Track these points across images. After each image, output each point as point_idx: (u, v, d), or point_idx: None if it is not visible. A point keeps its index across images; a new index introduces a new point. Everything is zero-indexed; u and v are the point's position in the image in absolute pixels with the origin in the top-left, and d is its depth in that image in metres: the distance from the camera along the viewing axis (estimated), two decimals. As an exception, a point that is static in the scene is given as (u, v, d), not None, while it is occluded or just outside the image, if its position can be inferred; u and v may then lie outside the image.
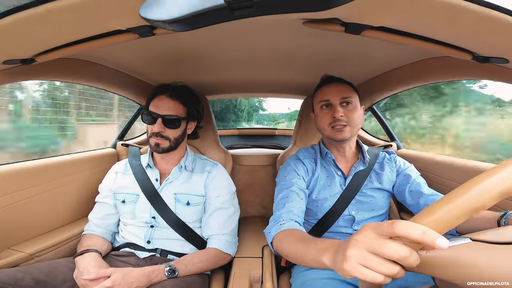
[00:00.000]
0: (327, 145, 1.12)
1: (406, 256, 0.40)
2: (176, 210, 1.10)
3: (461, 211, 0.39)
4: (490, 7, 0.49)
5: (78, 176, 1.32)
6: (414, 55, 1.05)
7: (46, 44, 0.69)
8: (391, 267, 0.41)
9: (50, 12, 0.51)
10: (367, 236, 0.44)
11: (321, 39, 0.90)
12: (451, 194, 0.41)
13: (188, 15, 0.38)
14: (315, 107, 1.08)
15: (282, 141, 2.80)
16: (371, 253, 0.43)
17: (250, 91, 1.94)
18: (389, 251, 0.41)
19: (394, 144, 1.69)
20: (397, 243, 0.41)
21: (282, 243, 0.80)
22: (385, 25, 0.59)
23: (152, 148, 1.12)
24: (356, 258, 0.44)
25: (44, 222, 1.18)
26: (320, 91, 1.06)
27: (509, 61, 0.69)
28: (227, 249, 1.09)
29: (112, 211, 1.16)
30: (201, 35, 0.87)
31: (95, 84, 1.29)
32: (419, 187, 1.01)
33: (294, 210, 0.92)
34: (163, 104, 1.09)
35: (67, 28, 0.60)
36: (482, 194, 0.39)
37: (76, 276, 0.91)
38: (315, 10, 0.39)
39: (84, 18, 0.56)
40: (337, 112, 0.98)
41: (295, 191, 0.99)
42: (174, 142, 1.12)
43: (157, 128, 1.07)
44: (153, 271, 0.91)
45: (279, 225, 0.86)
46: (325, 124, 1.02)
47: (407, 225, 0.39)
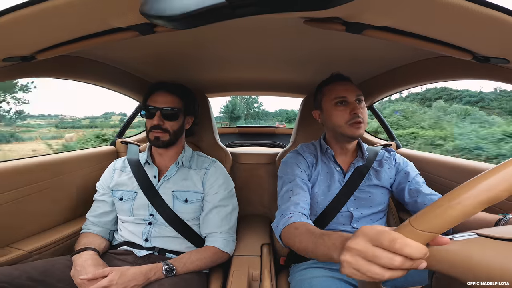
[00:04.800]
0: (330, 141, 1.12)
1: (402, 264, 0.41)
2: (174, 207, 1.10)
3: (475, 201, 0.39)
4: (491, 7, 0.49)
5: (77, 173, 1.32)
6: (414, 55, 1.05)
7: (46, 42, 0.69)
8: (385, 273, 0.43)
9: (50, 9, 0.51)
10: (360, 244, 0.45)
11: (321, 38, 0.90)
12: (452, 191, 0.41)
13: (189, 13, 0.37)
14: (326, 104, 1.06)
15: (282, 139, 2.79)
16: (366, 260, 0.44)
17: (250, 90, 1.93)
18: (383, 261, 0.42)
19: (394, 144, 1.70)
20: (390, 254, 0.42)
21: (290, 239, 0.82)
22: (386, 25, 0.59)
23: (152, 143, 1.12)
24: (351, 265, 0.46)
25: (43, 220, 1.18)
26: (333, 88, 1.05)
27: (510, 62, 0.69)
28: (225, 248, 1.09)
29: (108, 209, 1.17)
30: (202, 33, 0.87)
31: (95, 81, 1.29)
32: (418, 185, 1.02)
33: (300, 202, 0.93)
34: (161, 98, 1.10)
35: (67, 25, 0.60)
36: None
37: (73, 274, 0.91)
38: (316, 9, 0.39)
39: (84, 15, 0.55)
40: (357, 108, 0.99)
41: (299, 184, 1.00)
42: (174, 135, 1.12)
43: (156, 121, 1.08)
44: (150, 270, 0.91)
45: (287, 218, 0.87)
46: (342, 121, 1.01)
47: (410, 247, 0.40)
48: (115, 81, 1.37)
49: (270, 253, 1.22)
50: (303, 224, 0.83)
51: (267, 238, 1.36)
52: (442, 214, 0.40)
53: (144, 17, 0.40)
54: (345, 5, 0.39)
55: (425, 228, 0.41)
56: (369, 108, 1.78)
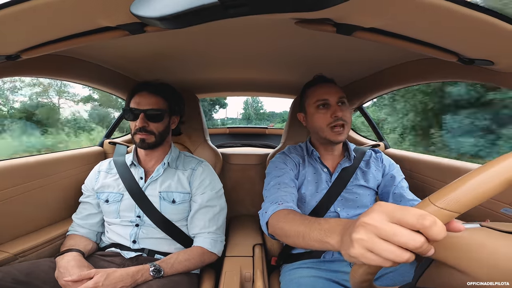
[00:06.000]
0: (315, 144, 1.13)
1: (422, 244, 0.36)
2: (161, 209, 1.09)
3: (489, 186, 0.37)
4: (476, 10, 0.50)
5: (64, 174, 1.29)
6: (402, 56, 1.07)
7: (32, 41, 0.67)
8: (403, 254, 0.37)
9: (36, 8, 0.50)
10: (377, 220, 0.40)
11: (312, 39, 0.91)
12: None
13: (180, 13, 0.37)
14: (309, 107, 1.07)
15: (273, 140, 2.80)
16: (381, 239, 0.39)
17: (241, 90, 1.93)
18: (403, 240, 0.37)
19: (382, 144, 1.73)
20: (411, 231, 0.37)
21: (280, 222, 0.74)
22: (375, 27, 0.60)
23: (137, 145, 1.10)
24: (364, 243, 0.40)
25: (28, 222, 1.14)
26: (315, 91, 1.05)
27: (494, 63, 0.71)
28: (212, 248, 1.08)
29: (94, 211, 1.15)
30: (192, 33, 0.86)
31: (83, 81, 1.27)
32: (403, 190, 1.03)
33: (288, 195, 0.91)
34: (144, 100, 1.07)
35: (54, 24, 0.59)
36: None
37: (57, 276, 0.89)
38: (308, 10, 0.39)
39: (72, 14, 0.54)
40: (338, 111, 0.99)
41: (286, 180, 0.99)
42: (159, 137, 1.10)
43: (140, 123, 1.05)
44: (137, 271, 0.90)
45: (277, 204, 0.83)
46: (324, 124, 1.01)
47: (437, 226, 0.36)
48: (103, 81, 1.35)
49: (262, 253, 1.23)
50: (294, 211, 0.78)
51: (259, 238, 1.36)
52: (466, 192, 0.37)
53: (135, 17, 0.40)
54: (336, 6, 0.39)
55: (447, 206, 0.38)
56: (358, 109, 1.81)
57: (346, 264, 0.99)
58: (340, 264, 1.00)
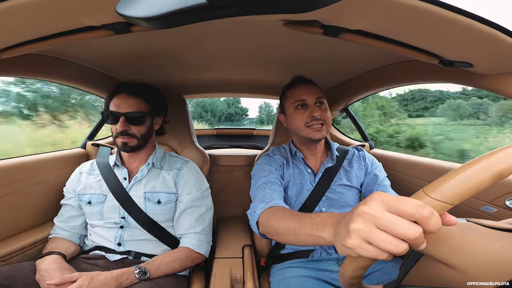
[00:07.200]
0: (297, 144, 1.14)
1: (420, 235, 0.36)
2: (146, 209, 1.07)
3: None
4: (454, 11, 0.51)
5: (45, 177, 1.25)
6: (387, 59, 1.10)
7: (12, 39, 0.65)
8: (400, 244, 0.36)
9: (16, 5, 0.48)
10: (376, 210, 0.38)
11: (298, 40, 0.91)
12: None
13: (168, 13, 0.37)
14: (288, 108, 1.08)
15: (260, 141, 2.80)
16: (380, 229, 0.38)
17: (228, 91, 1.93)
18: (402, 230, 0.36)
19: (367, 144, 1.76)
20: (410, 222, 0.36)
21: (271, 220, 0.73)
22: (361, 29, 0.61)
23: (120, 148, 1.07)
24: (362, 233, 0.39)
25: (10, 225, 1.10)
26: (294, 92, 1.06)
27: (473, 66, 0.74)
28: (198, 248, 1.06)
29: (76, 213, 1.12)
30: (178, 33, 0.85)
31: (66, 82, 1.23)
32: (385, 188, 1.06)
33: (275, 193, 0.91)
34: (123, 102, 1.04)
35: (34, 23, 0.57)
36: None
37: (38, 279, 0.87)
38: (296, 12, 0.40)
39: (54, 13, 0.52)
40: (316, 111, 1.00)
41: (273, 179, 0.99)
42: (142, 140, 1.08)
43: (121, 127, 1.02)
44: (122, 274, 0.88)
45: (265, 202, 0.83)
46: (302, 124, 1.03)
47: (435, 217, 0.36)
48: (86, 81, 1.31)
49: (252, 254, 1.22)
50: (284, 208, 0.78)
51: (248, 239, 1.36)
52: (460, 183, 0.38)
53: (121, 17, 0.39)
54: (324, 8, 0.40)
55: (441, 197, 0.38)
56: (344, 110, 1.84)
57: (334, 263, 1.00)
58: (328, 263, 1.01)
